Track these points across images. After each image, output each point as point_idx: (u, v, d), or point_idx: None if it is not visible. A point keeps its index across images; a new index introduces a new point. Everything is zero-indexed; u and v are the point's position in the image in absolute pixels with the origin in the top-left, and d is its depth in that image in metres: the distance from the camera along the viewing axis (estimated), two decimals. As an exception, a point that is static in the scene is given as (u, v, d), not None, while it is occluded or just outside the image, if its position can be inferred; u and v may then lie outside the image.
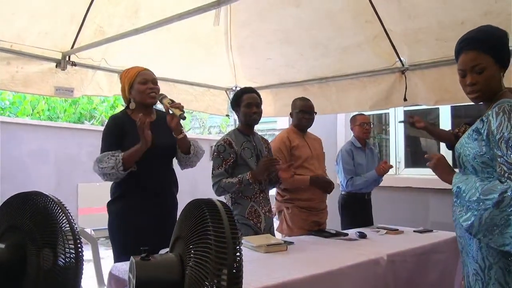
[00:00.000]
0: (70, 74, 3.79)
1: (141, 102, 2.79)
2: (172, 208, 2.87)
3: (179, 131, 2.73)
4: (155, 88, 2.82)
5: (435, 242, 3.00)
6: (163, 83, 4.47)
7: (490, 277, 1.74)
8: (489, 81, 1.83)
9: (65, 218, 1.45)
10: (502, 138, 1.69)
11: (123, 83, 2.85)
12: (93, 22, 3.66)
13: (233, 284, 1.02)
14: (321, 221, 3.65)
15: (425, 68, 3.88)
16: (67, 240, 1.42)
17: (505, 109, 1.72)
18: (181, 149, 2.83)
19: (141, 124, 2.51)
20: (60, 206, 1.48)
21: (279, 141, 3.56)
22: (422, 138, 5.93)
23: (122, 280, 2.08)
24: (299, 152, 3.54)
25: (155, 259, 1.19)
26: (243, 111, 3.13)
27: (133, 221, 2.66)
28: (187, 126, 14.06)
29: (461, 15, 3.33)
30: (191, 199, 1.24)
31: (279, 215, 3.70)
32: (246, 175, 2.98)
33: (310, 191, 3.53)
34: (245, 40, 4.53)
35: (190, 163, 2.91)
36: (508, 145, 1.67)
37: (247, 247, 2.60)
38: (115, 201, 2.77)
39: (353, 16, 3.84)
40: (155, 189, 2.75)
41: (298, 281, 2.04)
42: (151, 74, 2.85)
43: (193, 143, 2.88)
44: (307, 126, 3.70)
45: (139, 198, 2.70)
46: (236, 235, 1.07)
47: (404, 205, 5.22)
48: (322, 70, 4.49)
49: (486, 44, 1.82)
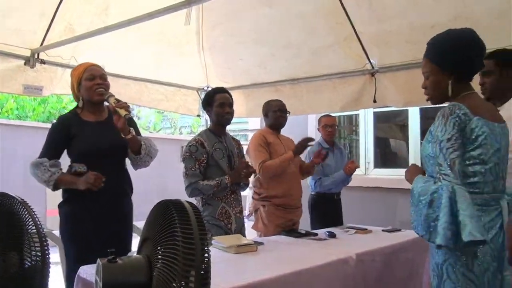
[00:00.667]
0: (39, 72, 3.72)
1: (88, 100, 2.69)
2: (126, 210, 2.80)
3: (127, 131, 2.61)
4: (103, 84, 2.69)
5: (403, 241, 3.05)
6: (134, 82, 4.44)
7: (443, 273, 1.81)
8: (434, 86, 1.94)
9: (32, 220, 1.43)
10: (437, 140, 1.78)
11: (72, 81, 2.74)
12: (63, 19, 3.60)
13: (201, 285, 1.02)
14: (296, 219, 3.70)
15: (395, 70, 3.94)
16: (34, 242, 1.40)
17: (444, 113, 1.80)
18: (131, 149, 2.72)
19: (93, 182, 2.48)
20: (26, 207, 1.45)
21: (257, 138, 3.63)
22: (391, 139, 6.04)
23: (90, 282, 2.05)
24: (273, 149, 3.60)
25: (122, 261, 1.18)
26: (216, 111, 3.12)
27: (85, 224, 2.58)
28: (158, 126, 13.96)
29: (431, 18, 3.38)
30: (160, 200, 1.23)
31: (255, 214, 3.73)
32: (225, 179, 2.99)
33: (285, 187, 3.58)
34: (217, 40, 4.51)
35: (142, 163, 2.80)
36: (441, 147, 1.76)
37: (218, 247, 2.59)
38: (65, 203, 2.67)
39: (324, 17, 3.87)
40: (107, 190, 2.60)
41: (268, 281, 2.04)
42: (99, 70, 2.72)
43: (144, 142, 2.77)
44: (283, 125, 3.78)
45: (90, 200, 2.58)
46: (205, 236, 1.06)
47: (373, 205, 5.28)
48: (294, 71, 4.51)
49: (431, 52, 1.93)
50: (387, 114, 5.76)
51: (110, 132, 2.63)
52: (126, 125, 2.58)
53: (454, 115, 1.77)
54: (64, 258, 2.73)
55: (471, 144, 1.78)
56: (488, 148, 1.79)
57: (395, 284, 2.87)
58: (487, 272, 1.74)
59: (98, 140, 2.65)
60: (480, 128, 1.78)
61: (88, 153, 2.63)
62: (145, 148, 2.74)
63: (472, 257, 1.74)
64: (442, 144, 1.76)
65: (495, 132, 1.82)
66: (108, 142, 2.65)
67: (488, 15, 3.14)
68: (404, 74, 3.88)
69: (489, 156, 1.79)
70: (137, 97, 4.53)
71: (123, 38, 3.84)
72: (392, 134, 6.18)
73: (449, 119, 1.77)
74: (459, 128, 1.76)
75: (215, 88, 3.39)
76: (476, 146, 1.78)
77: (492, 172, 1.80)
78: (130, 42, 4.01)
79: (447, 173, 1.73)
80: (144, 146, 2.74)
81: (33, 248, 1.39)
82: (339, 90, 4.31)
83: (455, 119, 1.76)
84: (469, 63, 1.88)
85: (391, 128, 6.20)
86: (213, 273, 1.12)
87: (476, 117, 1.78)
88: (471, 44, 1.85)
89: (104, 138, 2.63)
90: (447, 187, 1.70)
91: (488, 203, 1.79)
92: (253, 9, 4.01)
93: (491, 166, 1.80)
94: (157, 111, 12.71)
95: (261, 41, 4.30)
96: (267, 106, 3.78)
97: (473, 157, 1.78)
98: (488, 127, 1.80)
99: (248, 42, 4.35)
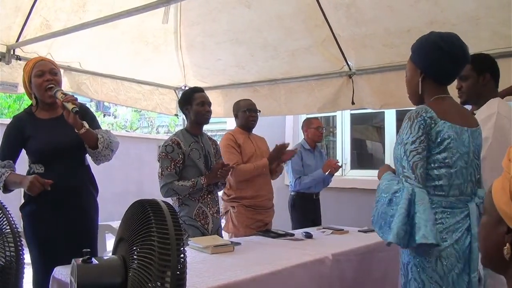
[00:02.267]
0: (14, 69, 3.64)
1: (39, 98, 2.60)
2: (88, 209, 2.71)
3: (80, 125, 2.49)
4: (53, 79, 2.57)
5: (379, 241, 3.06)
6: (110, 80, 4.39)
7: (408, 272, 1.85)
8: (408, 82, 2.00)
9: (6, 219, 1.41)
10: (402, 142, 1.83)
11: (23, 77, 2.64)
12: (39, 15, 3.54)
13: (177, 286, 1.02)
14: (267, 220, 3.70)
15: (371, 73, 3.99)
16: (8, 242, 1.38)
17: (411, 116, 1.84)
18: (87, 143, 2.59)
19: (32, 188, 2.39)
20: (0, 207, 1.43)
21: (226, 140, 3.62)
22: (368, 141, 6.11)
23: (65, 283, 2.02)
24: (243, 149, 3.61)
25: (97, 262, 1.16)
26: (196, 110, 3.11)
27: (46, 224, 2.52)
28: (135, 125, 13.85)
29: (407, 23, 3.44)
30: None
31: (226, 215, 3.72)
32: (201, 180, 2.99)
33: (255, 188, 3.59)
34: (195, 39, 4.50)
35: (102, 157, 2.65)
36: (405, 149, 1.81)
37: (194, 248, 2.59)
38: (26, 204, 2.60)
39: (302, 19, 3.89)
40: (67, 188, 2.55)
41: (244, 281, 2.04)
42: (48, 64, 2.60)
43: (102, 134, 2.63)
44: (254, 125, 3.77)
45: (50, 200, 2.51)
46: (180, 237, 1.06)
47: (349, 206, 5.33)
48: (272, 72, 4.53)
49: (412, 50, 1.97)
50: (364, 116, 5.82)
51: (65, 128, 2.53)
52: (77, 119, 2.48)
53: (419, 118, 1.81)
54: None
55: (437, 147, 1.82)
56: (454, 152, 1.83)
57: (371, 284, 2.90)
58: (451, 273, 1.78)
59: (54, 138, 2.58)
60: (446, 132, 1.82)
61: (45, 153, 2.56)
62: (103, 142, 2.61)
63: (436, 258, 1.78)
64: (406, 146, 1.81)
65: (462, 136, 1.86)
66: (63, 139, 2.58)
67: (464, 20, 3.19)
68: (380, 77, 3.93)
69: (455, 159, 1.83)
70: (114, 95, 4.48)
71: (100, 35, 3.80)
72: (369, 135, 6.25)
73: (414, 122, 1.81)
74: (424, 131, 1.80)
75: (193, 87, 3.38)
76: (441, 149, 1.82)
77: (459, 176, 1.84)
78: (107, 39, 3.97)
79: (409, 176, 1.78)
80: (102, 139, 2.61)
81: (7, 249, 1.37)
82: (316, 91, 4.34)
83: (421, 122, 1.80)
84: (438, 67, 1.90)
85: (367, 130, 6.27)
86: (189, 273, 1.12)
87: (442, 121, 1.82)
88: (442, 49, 1.85)
89: (59, 136, 2.56)
90: (408, 189, 1.75)
91: (453, 205, 1.83)
92: (232, 9, 4.01)
93: (457, 170, 1.83)
94: (134, 110, 12.62)
95: (239, 41, 4.30)
96: (237, 106, 3.78)
97: (438, 160, 1.82)
98: (455, 131, 1.83)
99: (226, 42, 4.35)
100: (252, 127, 3.77)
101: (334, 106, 4.36)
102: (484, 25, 3.16)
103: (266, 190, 3.68)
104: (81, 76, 4.11)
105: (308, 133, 4.49)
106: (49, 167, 2.55)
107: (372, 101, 4.04)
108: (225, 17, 4.12)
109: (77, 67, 4.02)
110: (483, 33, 3.16)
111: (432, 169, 1.83)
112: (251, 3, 3.90)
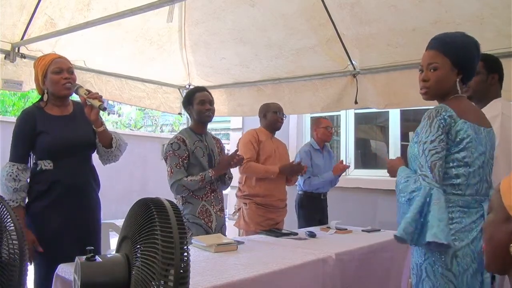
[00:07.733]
0: (19, 67, 3.65)
1: (54, 94, 2.59)
2: (93, 207, 2.71)
3: (100, 123, 2.54)
4: (71, 78, 2.58)
5: (382, 241, 3.08)
6: (115, 78, 4.40)
7: (422, 272, 1.84)
8: (440, 80, 1.90)
9: (10, 216, 1.41)
10: (421, 141, 1.83)
11: (36, 72, 2.62)
12: (44, 13, 3.55)
13: (180, 285, 1.02)
14: (279, 219, 3.77)
15: (376, 72, 3.98)
16: (12, 239, 1.38)
17: (431, 114, 1.83)
18: (102, 142, 2.63)
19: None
20: (4, 204, 1.44)
21: (249, 135, 3.79)
22: (372, 140, 6.09)
23: (68, 281, 2.03)
24: (263, 147, 3.73)
25: (100, 260, 1.17)
26: (197, 109, 3.12)
27: (52, 222, 2.52)
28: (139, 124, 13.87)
29: (412, 22, 3.43)
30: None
31: (238, 212, 3.80)
32: (209, 173, 3.01)
33: (268, 187, 3.69)
34: (199, 38, 4.50)
35: (112, 158, 2.72)
36: (423, 148, 1.81)
37: (198, 246, 2.59)
38: (31, 202, 2.58)
39: (307, 18, 3.89)
40: (73, 187, 2.56)
41: (247, 280, 2.04)
42: (66, 63, 2.61)
43: (114, 135, 2.68)
44: (279, 127, 3.91)
45: (56, 198, 2.52)
46: (184, 235, 1.06)
47: (353, 205, 5.32)
48: (276, 71, 4.52)
49: (447, 46, 1.89)
50: (368, 115, 5.80)
51: (77, 127, 2.57)
52: (99, 116, 2.51)
53: (439, 117, 1.80)
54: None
55: (456, 146, 1.81)
56: (473, 151, 1.82)
57: (374, 283, 2.90)
58: (466, 273, 1.77)
59: (66, 135, 2.57)
60: (465, 131, 1.81)
61: (56, 149, 2.55)
62: (116, 142, 2.66)
63: (451, 257, 1.77)
64: (425, 145, 1.80)
65: (480, 136, 1.85)
66: (75, 137, 2.58)
67: (468, 20, 3.18)
68: (384, 76, 3.92)
69: (473, 159, 1.82)
70: (118, 94, 4.49)
71: (104, 34, 3.81)
72: (373, 135, 6.23)
73: (434, 121, 1.80)
74: (443, 130, 1.79)
75: (196, 87, 3.41)
76: (461, 148, 1.81)
77: (476, 175, 1.83)
78: (111, 38, 3.98)
79: (427, 175, 1.77)
80: (115, 139, 2.67)
81: (11, 245, 1.37)
82: (320, 91, 4.34)
83: (440, 121, 1.79)
84: (473, 65, 1.92)
85: (371, 129, 6.25)
86: (192, 272, 1.12)
87: (461, 120, 1.81)
88: (479, 51, 1.90)
89: (71, 133, 2.57)
90: (425, 188, 1.75)
91: (470, 205, 1.82)
92: (236, 8, 4.01)
93: (475, 169, 1.83)
94: (138, 109, 12.64)
95: (243, 40, 4.30)
96: (267, 107, 3.90)
97: (457, 160, 1.82)
98: (474, 131, 1.83)
99: (230, 41, 4.35)
100: (277, 128, 3.91)
101: (338, 105, 4.36)
102: (489, 25, 3.15)
103: (278, 191, 3.78)
104: (86, 74, 4.12)
105: (317, 132, 4.48)
106: (59, 163, 2.54)
107: (376, 100, 4.03)
108: (230, 16, 4.12)
109: (82, 66, 4.03)
110: (487, 33, 3.15)
111: (450, 168, 1.82)
112: (255, 2, 3.90)
